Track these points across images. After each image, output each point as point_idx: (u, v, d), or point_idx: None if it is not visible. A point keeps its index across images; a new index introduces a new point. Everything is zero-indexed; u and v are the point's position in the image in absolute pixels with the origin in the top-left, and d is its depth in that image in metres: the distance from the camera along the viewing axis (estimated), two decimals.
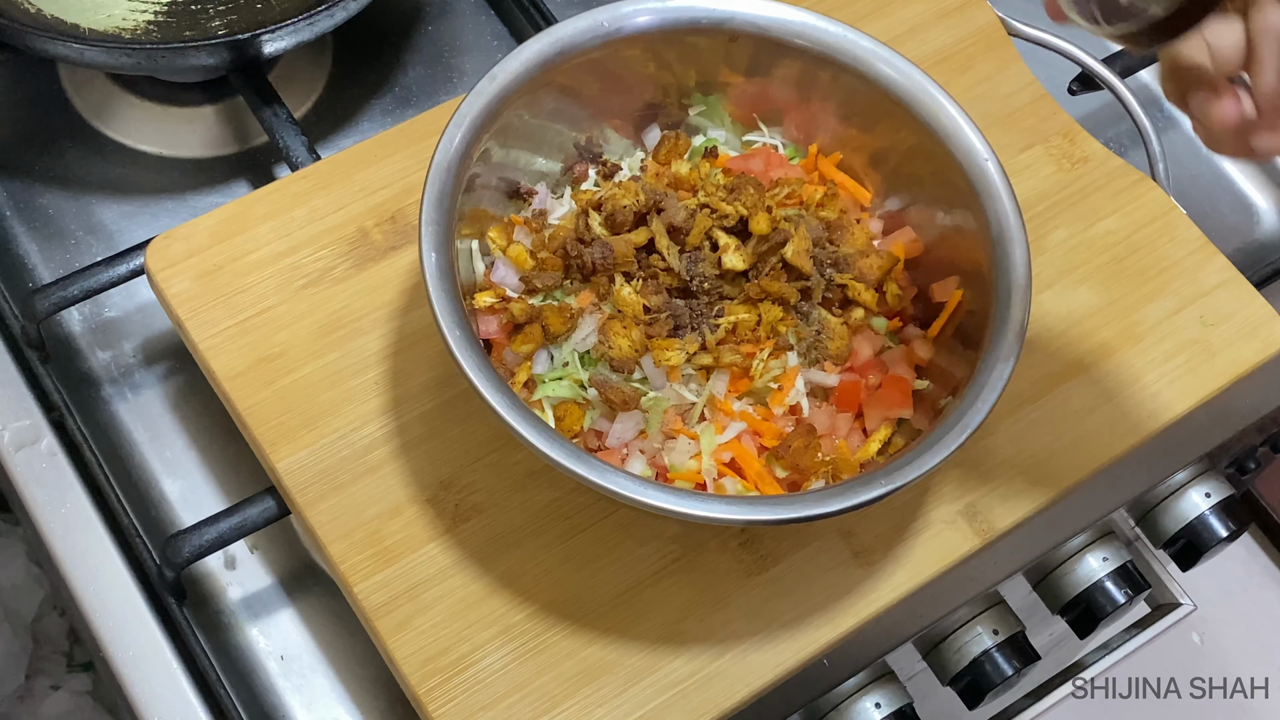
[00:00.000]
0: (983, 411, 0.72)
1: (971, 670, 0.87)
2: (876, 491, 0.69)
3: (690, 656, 0.75)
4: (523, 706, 0.73)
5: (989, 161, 0.79)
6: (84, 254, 0.93)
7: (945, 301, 0.80)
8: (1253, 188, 1.07)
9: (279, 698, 0.81)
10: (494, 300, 0.78)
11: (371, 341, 0.82)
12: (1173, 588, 1.01)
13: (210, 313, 0.82)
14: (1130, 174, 0.92)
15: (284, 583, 0.84)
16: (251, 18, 0.96)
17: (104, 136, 0.98)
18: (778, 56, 0.82)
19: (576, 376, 0.76)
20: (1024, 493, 0.81)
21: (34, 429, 0.84)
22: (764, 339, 0.77)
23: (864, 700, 0.84)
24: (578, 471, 0.68)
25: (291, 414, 0.79)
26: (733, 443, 0.75)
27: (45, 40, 0.87)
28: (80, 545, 0.81)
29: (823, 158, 0.86)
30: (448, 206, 0.74)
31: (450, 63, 1.04)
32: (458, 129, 0.76)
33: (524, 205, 0.83)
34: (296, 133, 0.92)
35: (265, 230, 0.84)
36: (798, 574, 0.78)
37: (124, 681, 0.78)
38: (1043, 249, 0.89)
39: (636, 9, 0.80)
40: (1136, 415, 0.84)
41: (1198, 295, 0.88)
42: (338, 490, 0.77)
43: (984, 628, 0.87)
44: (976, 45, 0.96)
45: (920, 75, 0.81)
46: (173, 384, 0.89)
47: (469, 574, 0.76)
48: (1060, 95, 1.01)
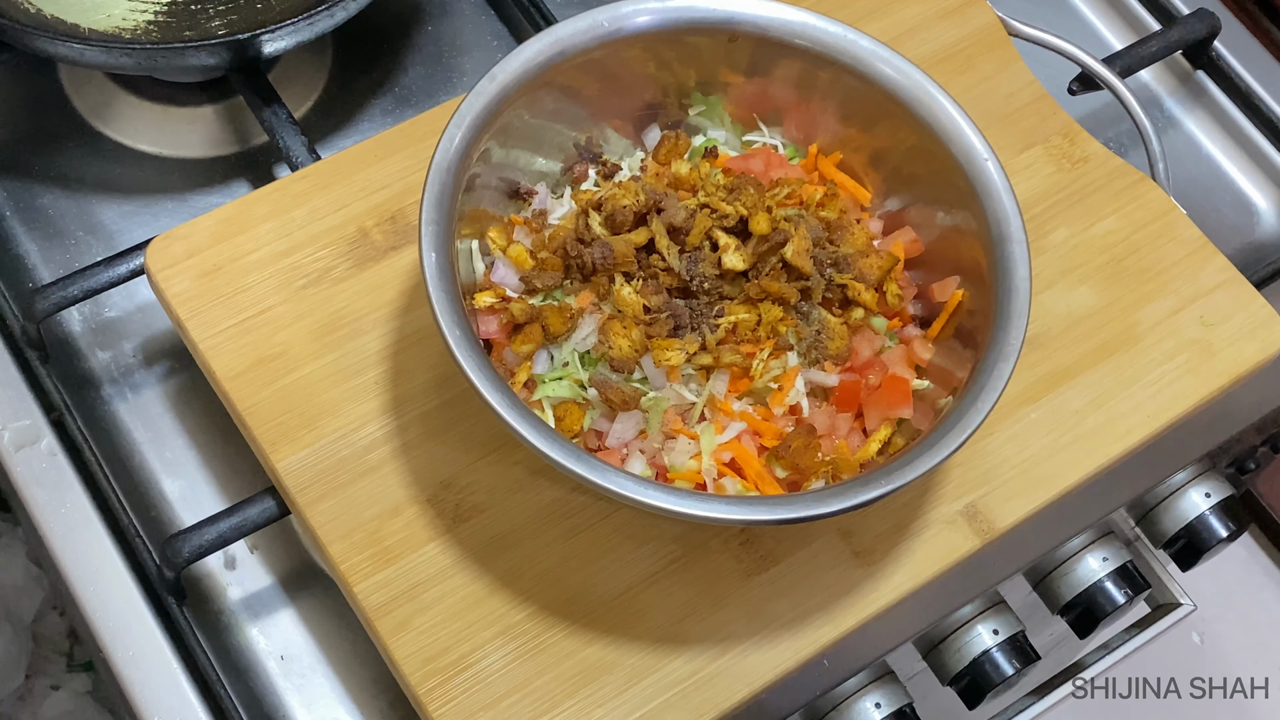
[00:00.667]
0: (983, 411, 0.72)
1: (971, 670, 0.87)
2: (876, 491, 0.69)
3: (690, 656, 0.75)
4: (523, 706, 0.73)
5: (989, 161, 0.79)
6: (84, 254, 0.93)
7: (945, 301, 0.80)
8: (1253, 188, 1.07)
9: (279, 698, 0.81)
10: (494, 300, 0.78)
11: (371, 341, 0.82)
12: (1173, 588, 1.01)
13: (210, 313, 0.82)
14: (1130, 174, 0.92)
15: (284, 583, 0.84)
16: (251, 17, 0.96)
17: (104, 136, 0.98)
18: (778, 56, 0.83)
19: (576, 376, 0.76)
20: (1024, 493, 0.81)
21: (34, 429, 0.84)
22: (764, 339, 0.77)
23: (864, 700, 0.84)
24: (578, 471, 0.68)
25: (291, 414, 0.79)
26: (733, 443, 0.75)
27: (45, 40, 0.87)
28: (80, 545, 0.81)
29: (823, 158, 0.86)
30: (448, 206, 0.74)
31: (450, 63, 1.04)
32: (458, 129, 0.76)
33: (524, 205, 0.83)
34: (296, 133, 0.92)
35: (265, 230, 0.84)
36: (798, 574, 0.78)
37: (124, 681, 0.78)
38: (1043, 249, 0.89)
39: (636, 9, 0.80)
40: (1136, 415, 0.84)
41: (1198, 295, 0.88)
42: (338, 490, 0.77)
43: (984, 628, 0.87)
44: (976, 45, 0.96)
45: (920, 75, 0.81)
46: (173, 384, 0.89)
47: (469, 574, 0.76)
48: (1060, 95, 1.01)
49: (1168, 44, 1.05)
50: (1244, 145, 1.08)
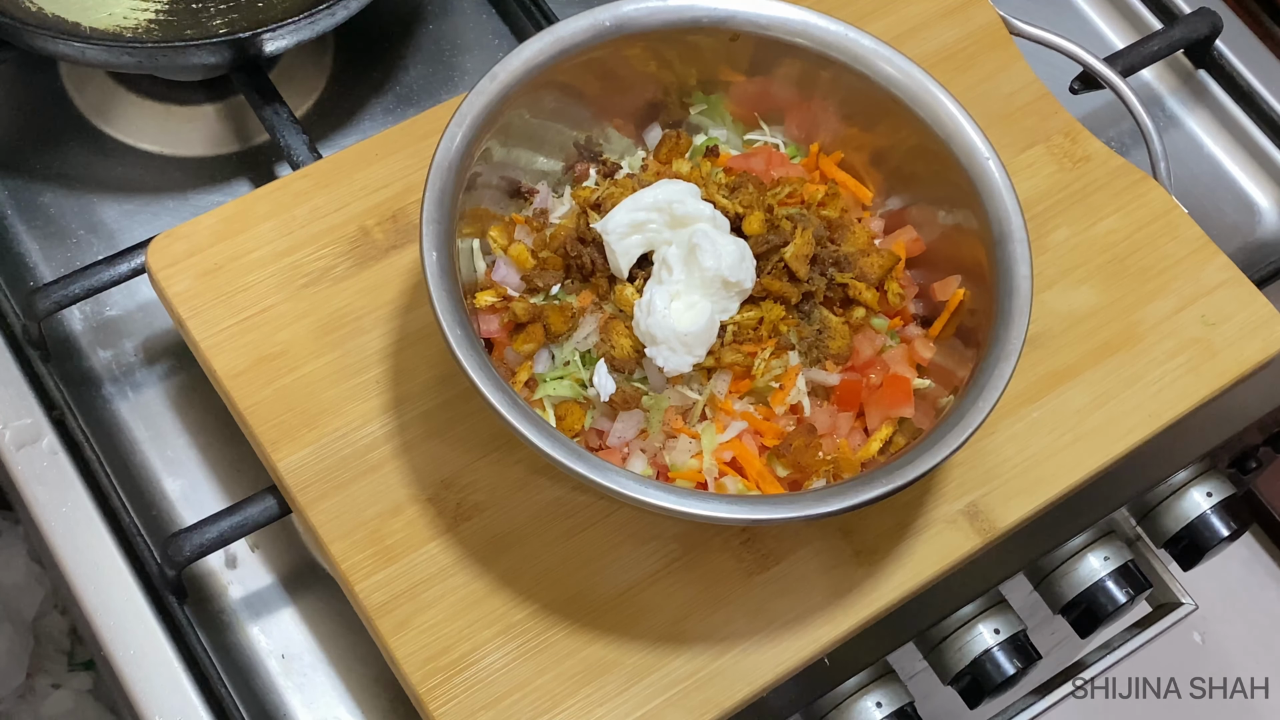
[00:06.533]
0: (984, 411, 0.72)
1: (972, 669, 0.87)
2: (877, 491, 0.69)
3: (691, 656, 0.75)
4: (524, 705, 0.73)
5: (990, 160, 0.79)
6: (85, 253, 0.93)
7: (946, 301, 0.80)
8: (1254, 187, 1.07)
9: (280, 696, 0.81)
10: (495, 299, 0.78)
11: (372, 340, 0.82)
12: (1174, 587, 1.01)
13: (211, 311, 0.82)
14: (1132, 173, 0.92)
15: (285, 582, 0.84)
16: (253, 16, 0.96)
17: (105, 135, 0.98)
18: (779, 55, 0.82)
19: (578, 376, 0.76)
20: (1025, 492, 0.81)
21: (35, 428, 0.84)
22: (765, 338, 0.77)
23: (865, 699, 0.84)
24: (579, 470, 0.68)
25: (292, 413, 0.79)
26: (734, 442, 0.75)
27: (47, 39, 0.87)
28: (81, 544, 0.81)
29: (824, 157, 0.86)
30: (449, 205, 0.74)
31: (451, 61, 1.04)
32: (459, 128, 0.76)
33: (525, 204, 0.83)
34: (298, 131, 0.92)
35: (266, 229, 0.84)
36: (799, 573, 0.78)
37: (125, 680, 0.78)
38: (1044, 248, 0.89)
39: (637, 8, 0.80)
40: (1138, 414, 0.84)
41: (1199, 294, 0.88)
42: (339, 489, 0.77)
43: (985, 627, 0.87)
44: (978, 44, 0.96)
45: (921, 74, 0.81)
46: (174, 383, 0.89)
47: (470, 573, 0.76)
48: (1062, 94, 1.01)
49: (1169, 43, 1.05)
50: (1245, 144, 1.08)
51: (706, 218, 0.76)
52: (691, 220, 0.76)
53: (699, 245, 0.74)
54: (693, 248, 0.75)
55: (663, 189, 0.77)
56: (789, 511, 0.69)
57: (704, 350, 0.75)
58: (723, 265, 0.74)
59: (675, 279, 0.75)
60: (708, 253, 0.74)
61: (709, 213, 0.77)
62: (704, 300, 0.75)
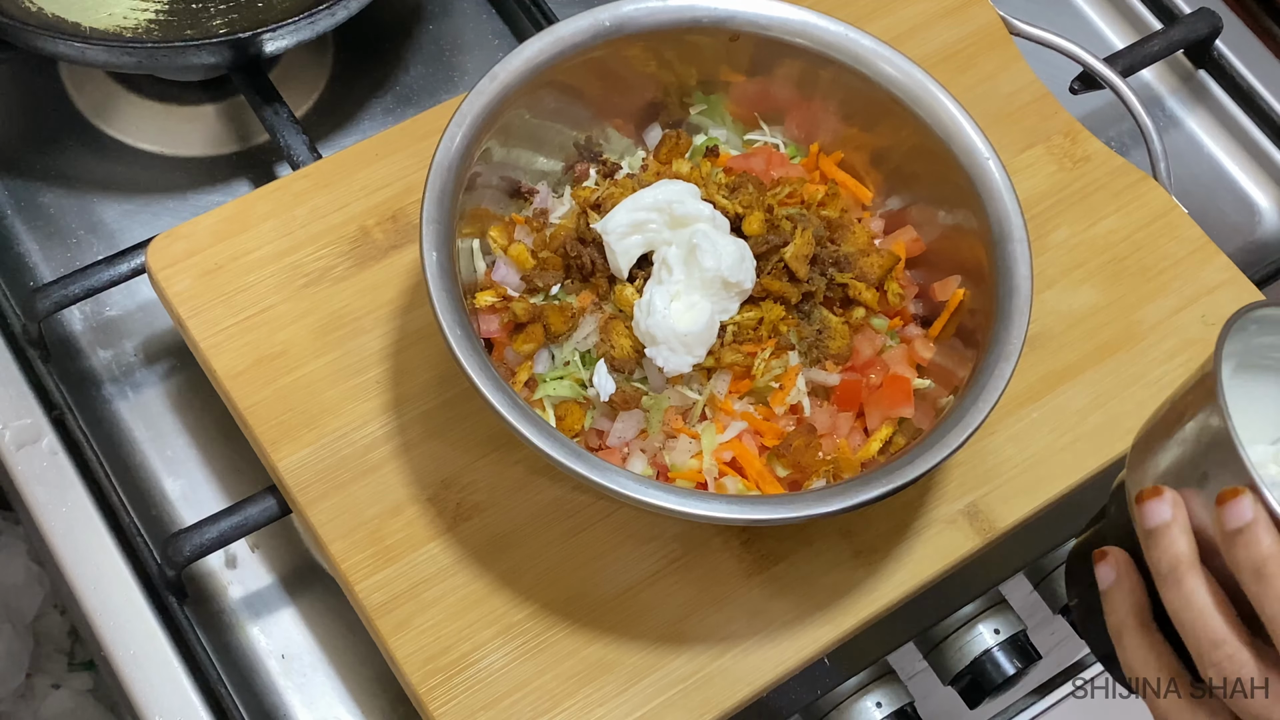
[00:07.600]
0: (984, 411, 0.72)
1: (972, 670, 0.87)
2: (877, 491, 0.69)
3: (691, 656, 0.75)
4: (524, 705, 0.73)
5: (990, 160, 0.79)
6: (85, 253, 0.93)
7: (946, 301, 0.80)
8: (1254, 187, 1.07)
9: (280, 697, 0.81)
10: (495, 299, 0.78)
11: (372, 340, 0.82)
12: None
13: (211, 311, 0.82)
14: (1132, 173, 0.92)
15: (285, 582, 0.84)
16: (253, 16, 0.96)
17: (105, 135, 0.98)
18: (779, 55, 0.82)
19: (578, 376, 0.76)
20: (1025, 492, 0.81)
21: (35, 428, 0.84)
22: (765, 338, 0.77)
23: (865, 700, 0.84)
24: (579, 470, 0.68)
25: (292, 413, 0.79)
26: (734, 442, 0.75)
27: (46, 39, 0.87)
28: (81, 544, 0.81)
29: (824, 157, 0.85)
30: (449, 205, 0.74)
31: (451, 61, 1.04)
32: (459, 128, 0.76)
33: (525, 204, 0.83)
34: (298, 131, 0.92)
35: (266, 229, 0.84)
36: (798, 573, 0.78)
37: (125, 680, 0.78)
38: (1044, 248, 0.89)
39: (637, 8, 0.80)
40: (1138, 414, 0.83)
41: (1199, 294, 0.88)
42: (338, 489, 0.77)
43: (985, 627, 0.87)
44: (978, 44, 0.96)
45: (921, 74, 0.81)
46: (174, 383, 0.89)
47: (470, 573, 0.76)
48: (1062, 94, 1.01)
49: (1169, 43, 1.05)
50: (1245, 144, 1.08)
51: (706, 218, 0.76)
52: (691, 220, 0.76)
53: (699, 245, 0.74)
54: (693, 248, 0.75)
55: (663, 189, 0.77)
56: (789, 511, 0.69)
57: (704, 350, 0.74)
58: (723, 265, 0.74)
59: (675, 279, 0.75)
60: (708, 253, 0.74)
61: (709, 213, 0.77)
62: (704, 300, 0.75)
